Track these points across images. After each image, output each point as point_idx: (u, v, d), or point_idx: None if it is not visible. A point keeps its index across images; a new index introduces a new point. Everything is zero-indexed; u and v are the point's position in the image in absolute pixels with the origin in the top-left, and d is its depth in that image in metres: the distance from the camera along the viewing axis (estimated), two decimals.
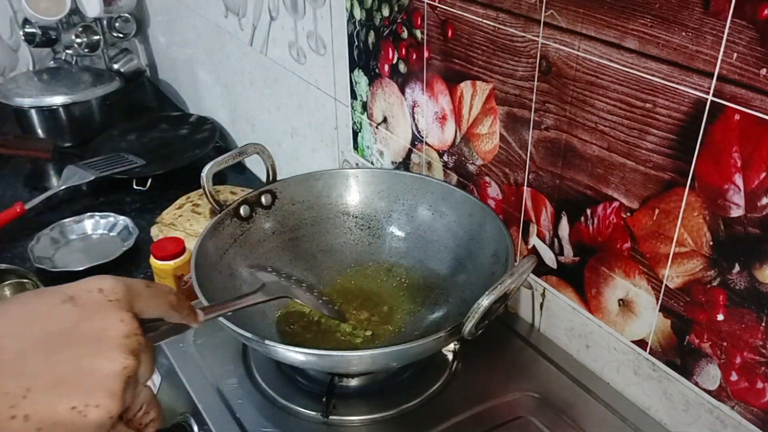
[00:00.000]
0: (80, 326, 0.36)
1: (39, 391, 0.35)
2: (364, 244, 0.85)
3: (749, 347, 0.56)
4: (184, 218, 1.16)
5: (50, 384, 0.35)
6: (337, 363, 0.64)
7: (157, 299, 0.42)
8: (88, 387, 0.35)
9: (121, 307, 0.38)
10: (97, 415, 0.35)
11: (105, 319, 0.37)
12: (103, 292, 0.38)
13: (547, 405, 0.68)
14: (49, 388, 0.35)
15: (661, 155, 0.57)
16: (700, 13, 0.50)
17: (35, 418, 0.34)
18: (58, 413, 0.35)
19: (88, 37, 1.76)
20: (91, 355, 0.36)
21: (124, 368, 0.36)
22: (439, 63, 0.79)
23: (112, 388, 0.36)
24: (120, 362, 0.36)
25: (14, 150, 1.47)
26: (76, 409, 0.35)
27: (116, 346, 0.37)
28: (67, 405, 0.35)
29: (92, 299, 0.38)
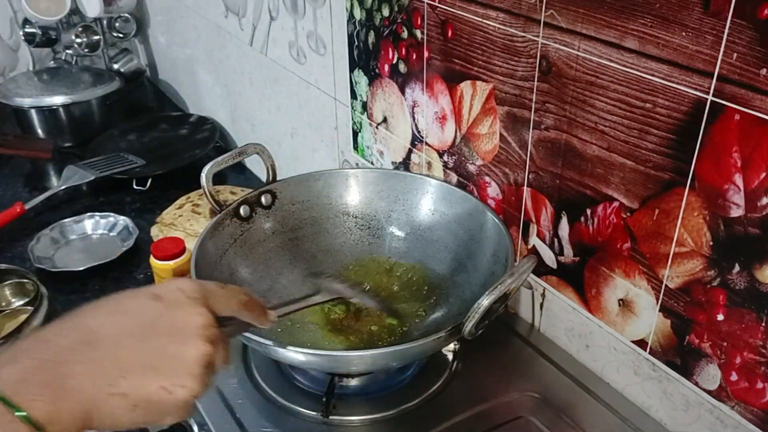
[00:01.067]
0: (165, 318, 0.42)
1: (134, 373, 0.40)
2: (364, 244, 0.85)
3: (749, 347, 0.56)
4: (184, 218, 1.16)
5: (143, 367, 0.40)
6: (337, 363, 0.64)
7: (230, 298, 0.47)
8: (175, 370, 0.41)
9: (199, 303, 0.44)
10: (183, 394, 0.41)
11: (186, 313, 0.43)
12: (184, 291, 0.44)
13: (547, 405, 0.68)
14: (142, 370, 0.40)
15: (661, 155, 0.57)
16: (700, 13, 0.50)
17: (132, 395, 0.40)
18: (151, 392, 0.40)
19: (88, 37, 1.76)
20: (176, 343, 0.42)
21: (204, 354, 0.42)
22: (439, 63, 0.79)
23: (194, 371, 0.41)
24: (200, 349, 0.42)
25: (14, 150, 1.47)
26: (166, 389, 0.40)
27: (196, 335, 0.42)
28: (158, 385, 0.40)
29: (175, 297, 0.44)
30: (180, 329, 0.42)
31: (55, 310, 1.03)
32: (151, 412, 0.41)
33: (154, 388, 0.40)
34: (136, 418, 0.41)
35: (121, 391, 0.40)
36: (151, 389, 0.40)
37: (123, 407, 0.40)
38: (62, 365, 0.39)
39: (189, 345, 0.42)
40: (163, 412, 0.41)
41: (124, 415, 0.40)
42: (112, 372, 0.40)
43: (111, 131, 1.57)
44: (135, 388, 0.40)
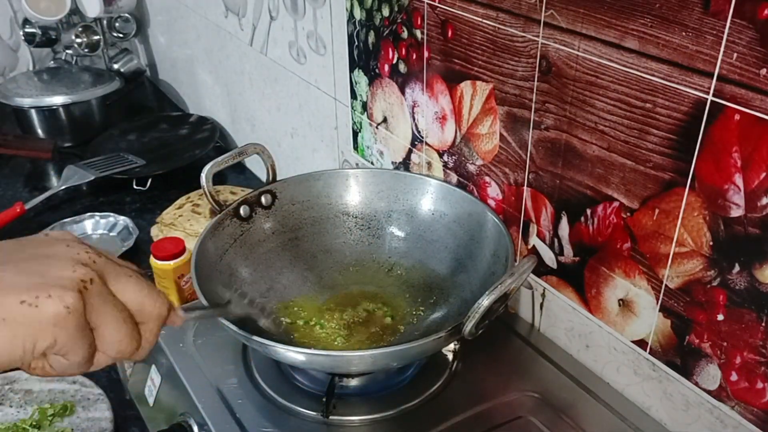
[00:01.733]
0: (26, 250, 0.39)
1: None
2: (364, 244, 0.85)
3: (749, 347, 0.56)
4: (184, 218, 1.16)
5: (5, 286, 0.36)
6: (337, 363, 0.64)
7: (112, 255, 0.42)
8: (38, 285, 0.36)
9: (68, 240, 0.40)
10: (51, 305, 0.35)
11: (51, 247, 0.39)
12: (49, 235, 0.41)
13: (547, 405, 0.68)
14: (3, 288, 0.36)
15: (661, 155, 0.57)
16: (700, 13, 0.50)
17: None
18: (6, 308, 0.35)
19: (88, 37, 1.76)
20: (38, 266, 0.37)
21: (74, 272, 0.37)
22: (439, 63, 0.79)
23: (64, 284, 0.36)
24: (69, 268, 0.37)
25: (14, 150, 1.47)
26: (26, 302, 0.35)
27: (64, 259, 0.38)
28: (17, 298, 0.35)
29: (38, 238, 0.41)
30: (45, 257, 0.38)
31: None
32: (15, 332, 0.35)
33: (10, 303, 0.35)
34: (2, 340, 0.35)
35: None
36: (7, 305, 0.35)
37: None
38: None
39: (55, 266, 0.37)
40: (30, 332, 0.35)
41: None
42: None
43: (111, 131, 1.58)
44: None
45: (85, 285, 0.37)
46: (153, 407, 0.80)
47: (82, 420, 0.86)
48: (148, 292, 0.41)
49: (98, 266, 0.39)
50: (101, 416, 0.86)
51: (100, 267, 0.39)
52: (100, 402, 0.88)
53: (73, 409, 0.87)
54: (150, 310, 0.41)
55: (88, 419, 0.86)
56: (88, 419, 0.86)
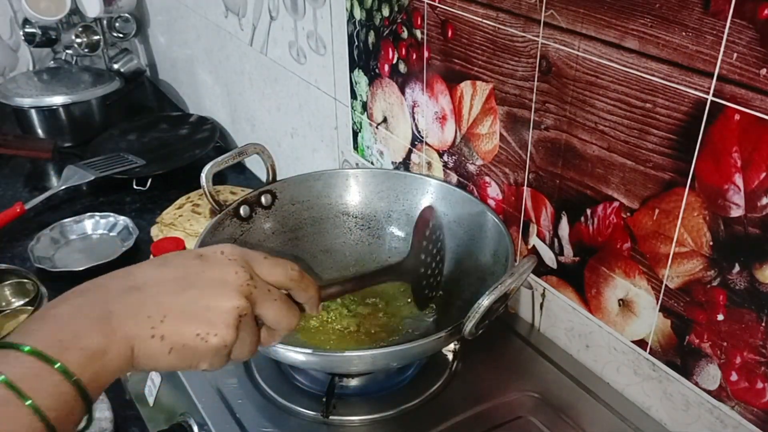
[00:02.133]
0: (205, 274, 0.45)
1: (173, 318, 0.43)
2: (364, 244, 0.85)
3: (749, 347, 0.56)
4: (184, 218, 1.16)
5: (182, 314, 0.43)
6: (337, 363, 0.64)
7: (276, 269, 0.48)
8: (209, 319, 0.44)
9: (238, 264, 0.46)
10: (216, 341, 0.44)
11: (224, 271, 0.45)
12: (225, 253, 0.47)
13: (547, 405, 0.68)
14: (181, 316, 0.43)
15: (661, 155, 0.57)
16: (700, 13, 0.50)
17: (169, 339, 0.43)
18: (186, 337, 0.43)
19: (88, 37, 1.76)
20: (213, 296, 0.44)
21: (236, 307, 0.44)
22: (439, 63, 0.79)
23: (228, 321, 0.44)
24: (232, 301, 0.44)
25: (14, 150, 1.47)
26: (200, 336, 0.43)
27: (230, 290, 0.45)
28: (194, 331, 0.43)
29: (216, 257, 0.46)
30: (217, 284, 0.45)
31: None
32: (186, 356, 0.43)
33: (190, 334, 0.43)
34: (172, 361, 0.43)
35: (161, 334, 0.43)
36: (187, 335, 0.43)
37: (160, 350, 0.43)
38: (111, 304, 0.43)
39: (223, 297, 0.44)
40: (197, 357, 0.44)
41: (161, 358, 0.43)
42: (154, 314, 0.43)
43: (111, 131, 1.58)
44: (172, 332, 0.43)
45: (241, 319, 0.45)
46: (153, 407, 0.80)
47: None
48: (284, 313, 0.48)
49: (254, 296, 0.46)
50: (101, 416, 0.86)
51: (255, 296, 0.46)
52: (100, 402, 0.88)
53: None
54: (282, 326, 0.48)
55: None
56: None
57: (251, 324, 0.46)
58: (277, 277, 0.48)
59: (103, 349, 0.41)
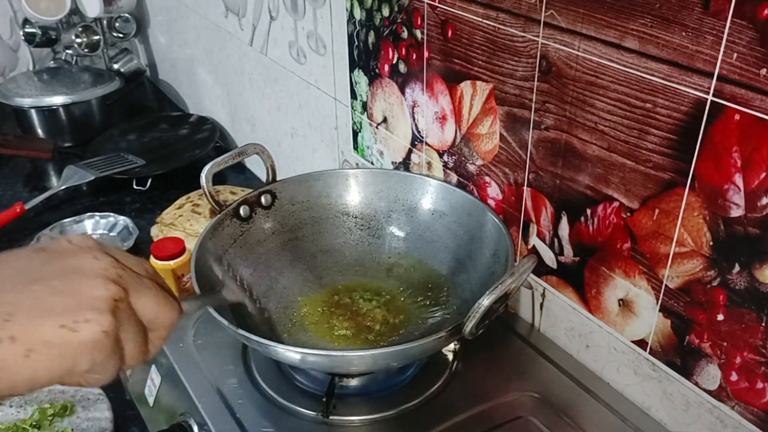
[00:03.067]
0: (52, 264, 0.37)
1: (21, 314, 0.35)
2: (364, 244, 0.85)
3: (749, 347, 0.56)
4: (184, 218, 1.16)
5: (32, 307, 0.35)
6: (337, 363, 0.64)
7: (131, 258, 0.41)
8: (73, 307, 0.35)
9: (95, 249, 0.39)
10: (89, 329, 0.35)
11: (78, 258, 0.38)
12: (74, 242, 0.39)
13: (547, 405, 0.68)
14: (32, 311, 0.35)
15: (661, 155, 0.57)
16: (700, 13, 0.50)
17: (22, 338, 0.34)
18: (47, 332, 0.35)
19: (88, 37, 1.76)
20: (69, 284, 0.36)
21: (106, 290, 0.37)
22: (439, 63, 0.79)
23: (98, 305, 0.36)
24: (100, 286, 0.37)
25: (14, 150, 1.47)
26: (66, 327, 0.35)
27: (95, 275, 0.37)
28: (56, 323, 0.35)
29: (62, 247, 0.39)
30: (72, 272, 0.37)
31: None
32: (53, 357, 0.35)
33: (51, 327, 0.35)
34: (35, 368, 0.34)
35: (9, 334, 0.34)
36: (47, 329, 0.35)
37: (15, 354, 0.34)
38: None
39: (88, 284, 0.37)
40: (70, 356, 0.35)
41: (19, 366, 0.34)
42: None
43: (111, 131, 1.58)
44: (27, 331, 0.34)
45: (117, 304, 0.37)
46: (153, 407, 0.80)
47: (82, 420, 0.86)
48: (164, 303, 0.41)
49: (124, 281, 0.38)
50: (101, 416, 0.86)
51: (126, 281, 0.38)
52: (100, 402, 0.88)
53: (73, 409, 0.87)
54: (162, 320, 0.41)
55: (88, 419, 0.86)
56: (88, 419, 0.86)
57: (131, 313, 0.38)
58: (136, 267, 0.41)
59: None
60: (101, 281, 0.37)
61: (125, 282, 0.38)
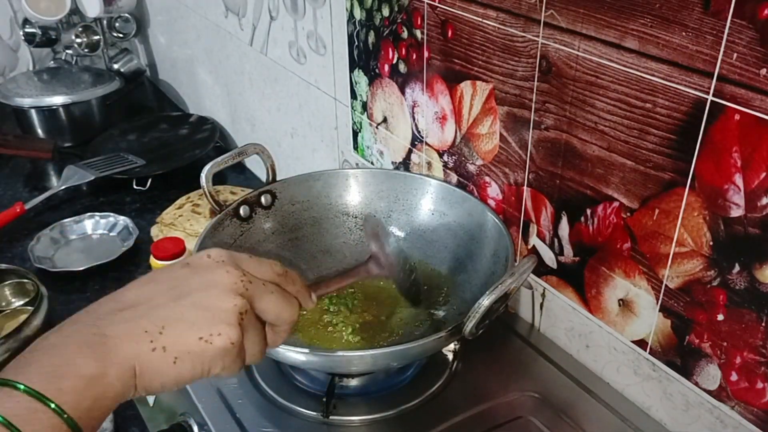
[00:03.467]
0: (195, 279, 0.45)
1: (171, 327, 0.42)
2: (364, 244, 0.85)
3: (749, 347, 0.56)
4: (184, 218, 1.16)
5: (180, 321, 0.43)
6: (337, 363, 0.64)
7: (262, 266, 0.48)
8: (209, 321, 0.43)
9: (227, 264, 0.46)
10: (221, 341, 0.43)
11: (214, 273, 0.45)
12: (211, 257, 0.46)
13: (547, 405, 0.68)
14: (179, 324, 0.42)
15: (661, 155, 0.57)
16: (700, 13, 0.50)
17: (172, 348, 0.42)
18: (190, 343, 0.42)
19: (88, 37, 1.76)
20: (208, 298, 0.44)
21: (234, 305, 0.44)
22: (439, 63, 0.79)
23: (229, 319, 0.43)
24: (230, 301, 0.44)
25: (14, 150, 1.47)
26: (203, 339, 0.42)
27: (225, 290, 0.44)
28: (196, 336, 0.42)
29: (203, 262, 0.46)
30: (210, 286, 0.44)
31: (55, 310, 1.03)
32: (195, 363, 0.43)
33: (193, 339, 0.42)
34: (180, 371, 0.42)
35: (162, 345, 0.42)
36: (190, 341, 0.42)
37: (165, 362, 0.42)
38: (104, 328, 0.41)
39: (219, 298, 0.44)
40: (206, 362, 0.43)
41: (167, 370, 0.42)
42: (150, 328, 0.42)
43: (111, 131, 1.58)
44: (174, 341, 0.42)
45: (242, 316, 0.44)
46: (153, 407, 0.80)
47: None
48: (284, 305, 0.47)
49: (250, 292, 0.45)
50: None
51: (251, 292, 0.45)
52: None
53: None
54: (284, 319, 0.47)
55: None
56: None
57: (254, 320, 0.46)
58: (264, 273, 0.47)
59: (101, 374, 0.40)
60: (231, 296, 0.44)
61: (250, 292, 0.45)
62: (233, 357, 0.44)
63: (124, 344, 0.41)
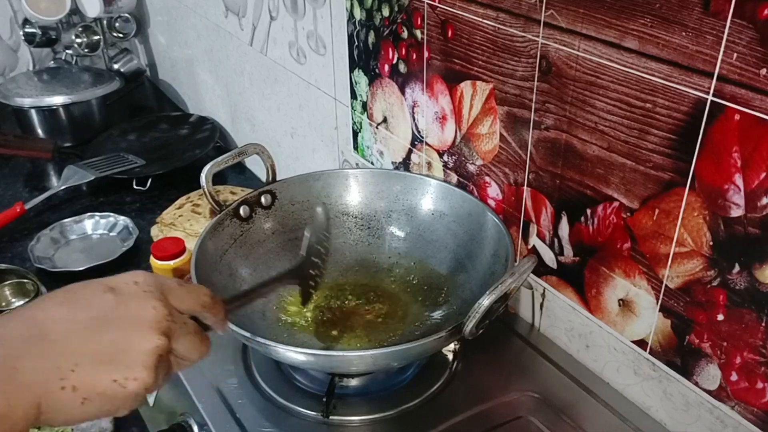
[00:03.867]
0: (118, 310, 0.42)
1: (85, 366, 0.40)
2: (364, 244, 0.85)
3: (749, 347, 0.56)
4: (184, 218, 1.16)
5: (95, 360, 0.40)
6: (337, 363, 0.64)
7: (188, 295, 0.46)
8: (127, 362, 0.41)
9: (154, 296, 0.43)
10: (135, 386, 0.41)
11: (139, 306, 0.42)
12: (139, 284, 0.44)
13: (547, 405, 0.68)
14: (94, 363, 0.40)
15: (661, 155, 0.57)
16: (700, 13, 0.50)
17: (82, 389, 0.39)
18: (102, 385, 0.40)
19: (88, 37, 1.76)
20: (129, 336, 0.41)
21: (156, 347, 0.42)
22: (439, 63, 0.79)
23: (147, 362, 0.41)
24: (153, 341, 0.42)
25: (14, 150, 1.47)
26: (117, 382, 0.40)
27: (149, 327, 0.42)
28: (109, 378, 0.40)
29: (129, 290, 0.43)
30: (132, 321, 0.42)
31: None
32: (103, 405, 0.40)
33: (106, 381, 0.40)
34: (86, 412, 0.40)
35: (72, 384, 0.39)
36: (103, 382, 0.40)
37: (72, 402, 0.39)
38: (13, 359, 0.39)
39: (141, 337, 0.41)
40: (116, 405, 0.41)
41: (73, 411, 0.40)
42: (63, 364, 0.39)
43: (111, 131, 1.58)
44: (85, 381, 0.40)
45: (161, 358, 0.42)
46: (153, 407, 0.80)
47: None
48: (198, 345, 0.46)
49: (171, 330, 0.43)
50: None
51: (173, 331, 0.43)
52: None
53: None
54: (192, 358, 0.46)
55: None
56: None
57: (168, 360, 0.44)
58: (189, 304, 0.46)
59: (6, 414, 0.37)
60: (153, 336, 0.42)
61: (171, 331, 0.43)
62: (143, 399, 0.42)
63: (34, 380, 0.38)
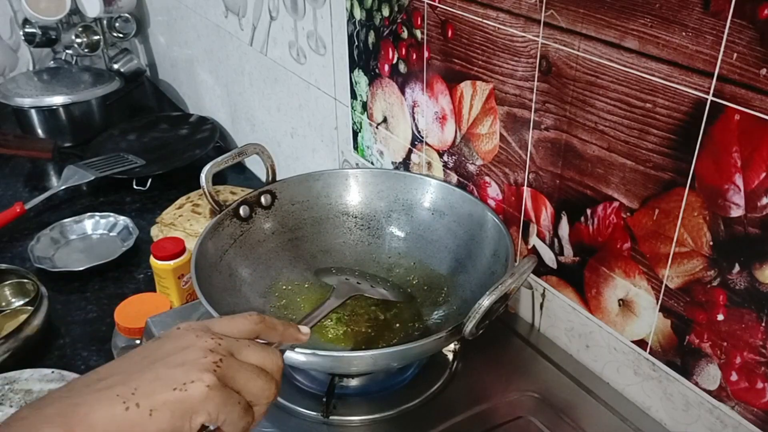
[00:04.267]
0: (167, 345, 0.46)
1: (144, 387, 0.43)
2: (364, 244, 0.85)
3: (749, 347, 0.56)
4: (184, 218, 1.16)
5: (153, 380, 0.43)
6: (337, 363, 0.64)
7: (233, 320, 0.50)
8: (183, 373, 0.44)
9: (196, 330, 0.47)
10: (196, 388, 0.43)
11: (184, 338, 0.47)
12: (181, 327, 0.48)
13: (547, 405, 0.68)
14: (152, 382, 0.43)
15: (661, 155, 0.57)
16: (700, 13, 0.50)
17: (146, 402, 0.42)
18: (165, 395, 0.42)
19: (88, 37, 1.76)
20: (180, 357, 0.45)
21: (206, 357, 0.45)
22: (439, 63, 0.79)
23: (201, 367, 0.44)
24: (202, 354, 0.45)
25: (14, 150, 1.47)
26: (177, 389, 0.43)
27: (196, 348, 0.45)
28: (170, 388, 0.43)
29: (173, 332, 0.48)
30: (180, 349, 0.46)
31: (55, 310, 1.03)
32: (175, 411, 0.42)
33: (168, 391, 0.43)
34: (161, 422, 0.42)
35: (135, 402, 0.42)
36: (166, 393, 0.43)
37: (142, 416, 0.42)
38: (75, 397, 0.42)
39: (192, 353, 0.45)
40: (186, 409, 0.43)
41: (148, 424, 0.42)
42: (123, 392, 0.42)
43: (111, 131, 1.58)
44: (148, 396, 0.42)
45: (217, 364, 0.45)
46: None
47: None
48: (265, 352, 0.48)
49: (224, 347, 0.46)
50: None
51: (226, 347, 0.46)
52: None
53: None
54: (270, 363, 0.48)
55: None
56: None
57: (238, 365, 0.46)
58: (239, 326, 0.49)
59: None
60: (202, 351, 0.45)
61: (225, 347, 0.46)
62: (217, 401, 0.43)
63: (96, 410, 0.41)
